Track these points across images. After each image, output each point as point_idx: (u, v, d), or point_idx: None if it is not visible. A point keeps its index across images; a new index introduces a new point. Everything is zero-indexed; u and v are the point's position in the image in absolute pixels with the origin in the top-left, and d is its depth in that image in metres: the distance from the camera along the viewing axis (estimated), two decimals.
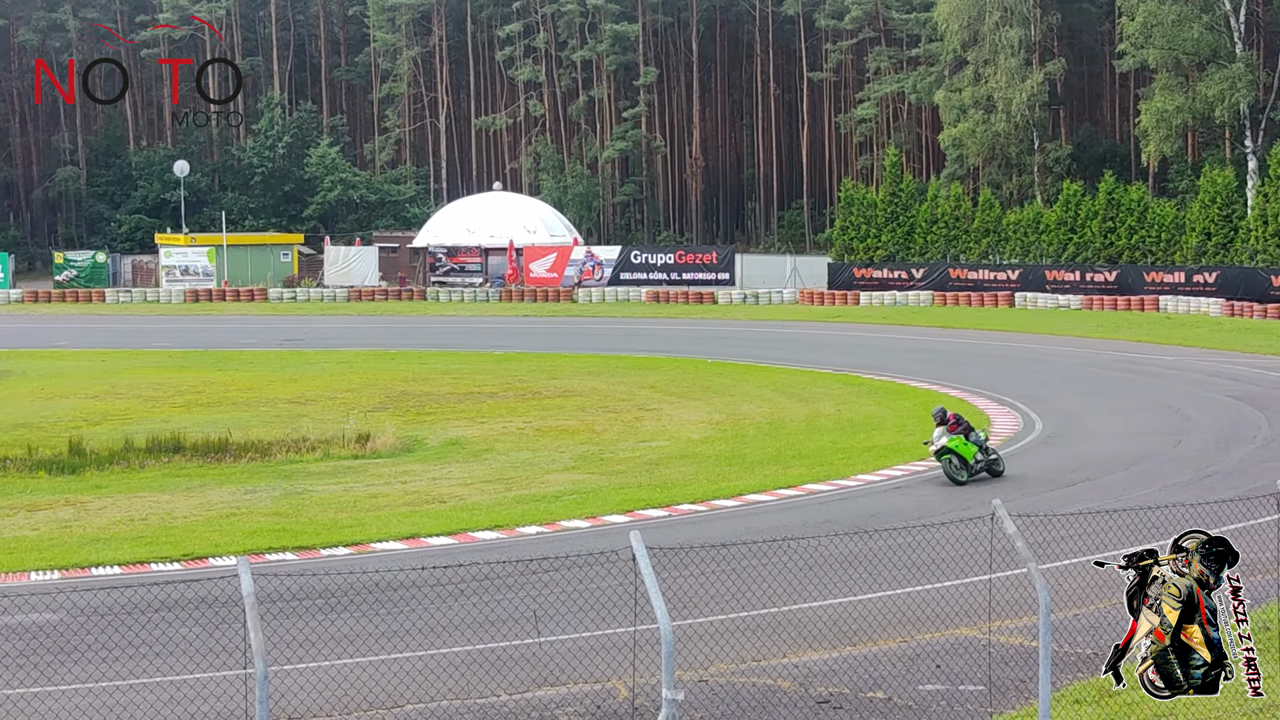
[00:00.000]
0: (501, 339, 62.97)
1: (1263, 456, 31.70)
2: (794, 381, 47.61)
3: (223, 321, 75.31)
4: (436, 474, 31.20)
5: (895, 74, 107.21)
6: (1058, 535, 21.60)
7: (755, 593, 18.85)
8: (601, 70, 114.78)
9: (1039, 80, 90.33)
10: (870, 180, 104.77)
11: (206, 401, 43.67)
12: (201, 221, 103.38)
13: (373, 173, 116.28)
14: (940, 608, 18.64)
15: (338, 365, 53.90)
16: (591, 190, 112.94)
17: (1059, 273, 77.10)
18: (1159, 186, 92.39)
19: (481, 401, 43.28)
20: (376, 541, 24.20)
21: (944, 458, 28.75)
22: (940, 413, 29.14)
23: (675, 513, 26.60)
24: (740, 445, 34.94)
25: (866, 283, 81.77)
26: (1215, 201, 75.03)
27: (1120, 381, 46.64)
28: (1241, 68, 78.79)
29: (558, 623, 18.22)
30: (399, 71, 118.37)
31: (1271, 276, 68.76)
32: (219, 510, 27.13)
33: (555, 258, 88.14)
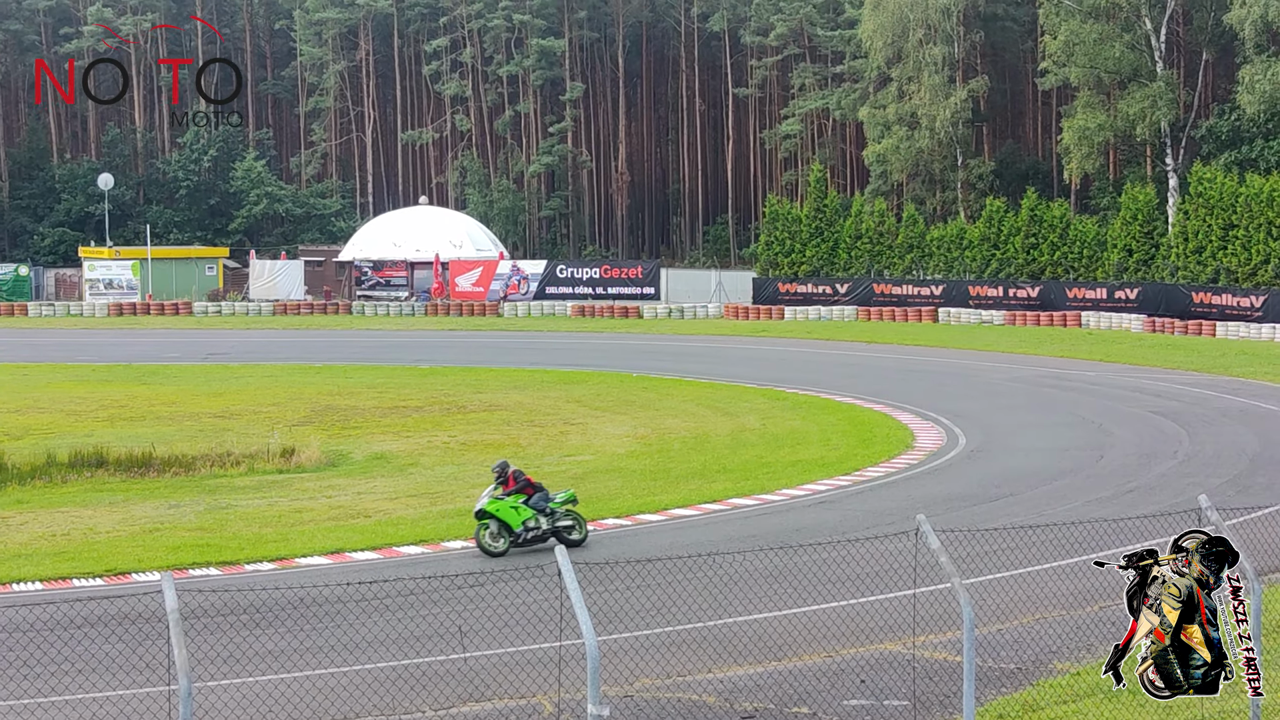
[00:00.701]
0: (427, 353, 62.79)
1: (1183, 472, 32.03)
2: (719, 396, 47.73)
3: (147, 335, 74.73)
4: (361, 488, 31.10)
5: (820, 90, 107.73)
6: (981, 550, 21.75)
7: (680, 608, 18.89)
8: (528, 85, 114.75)
9: (962, 97, 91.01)
10: (795, 196, 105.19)
11: (130, 416, 43.33)
12: (126, 235, 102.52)
13: (299, 186, 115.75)
14: (865, 622, 18.74)
15: (262, 379, 53.60)
16: (517, 205, 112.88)
17: (982, 288, 77.65)
18: (1081, 203, 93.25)
19: (407, 416, 43.16)
20: (301, 557, 24.09)
21: (481, 522, 24.01)
22: (500, 467, 24.54)
23: (601, 527, 26.60)
24: (665, 459, 35.00)
25: (791, 298, 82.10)
26: (1136, 219, 75.81)
27: (1043, 397, 47.01)
28: (1162, 86, 79.67)
29: (483, 638, 18.21)
30: (325, 85, 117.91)
31: (1192, 293, 69.51)
32: (142, 525, 26.93)
33: (481, 272, 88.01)
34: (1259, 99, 74.62)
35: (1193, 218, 73.04)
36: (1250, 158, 78.48)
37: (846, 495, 29.98)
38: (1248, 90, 75.35)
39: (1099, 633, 17.94)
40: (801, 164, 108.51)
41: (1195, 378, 51.90)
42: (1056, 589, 20.28)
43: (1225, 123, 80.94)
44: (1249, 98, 75.30)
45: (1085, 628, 18.36)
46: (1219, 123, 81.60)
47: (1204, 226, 72.32)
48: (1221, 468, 32.37)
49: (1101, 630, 18.08)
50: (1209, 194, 72.10)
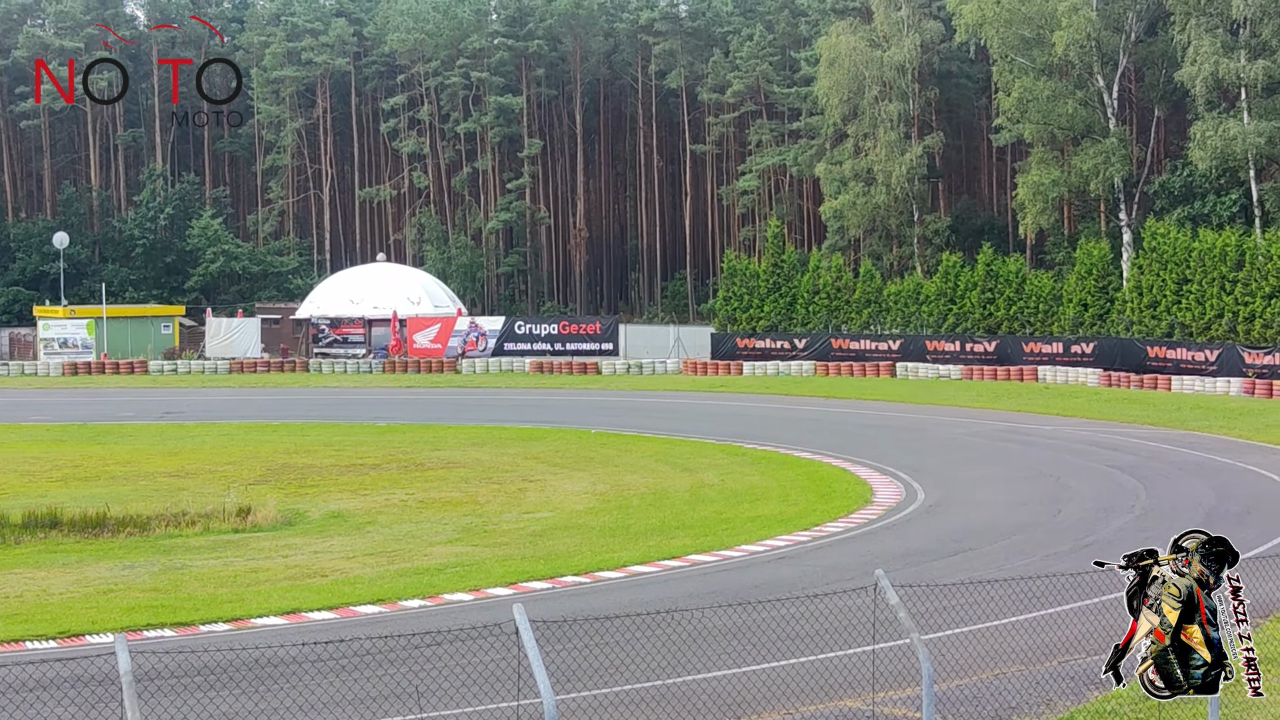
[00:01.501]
0: (385, 410, 62.61)
1: (1141, 526, 32.09)
2: (678, 452, 47.68)
3: (102, 394, 74.32)
4: (318, 547, 30.89)
5: (777, 147, 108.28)
6: (940, 606, 21.72)
7: (639, 665, 18.78)
8: (486, 142, 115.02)
9: (918, 153, 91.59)
10: (753, 251, 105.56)
11: (84, 476, 43.01)
12: (81, 294, 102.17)
13: (256, 244, 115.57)
14: (824, 679, 18.65)
15: (219, 438, 53.32)
16: (475, 261, 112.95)
17: (939, 343, 77.92)
18: (1036, 258, 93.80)
19: (364, 473, 42.97)
20: (257, 617, 23.86)
21: None
22: None
23: (559, 585, 26.49)
24: (624, 516, 34.90)
25: (749, 353, 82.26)
26: (1091, 273, 76.26)
27: (1001, 451, 47.14)
28: (1115, 142, 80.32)
29: (440, 698, 18.04)
30: (283, 143, 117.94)
31: (1147, 347, 69.90)
32: (96, 587, 26.67)
33: (439, 329, 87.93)
34: (1210, 155, 75.28)
35: (1147, 272, 73.52)
36: (1203, 213, 79.19)
37: (806, 551, 29.93)
38: (1199, 146, 76.01)
39: (1059, 688, 17.91)
40: (759, 220, 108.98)
41: (1151, 431, 52.14)
42: (1016, 644, 20.25)
43: (1178, 178, 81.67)
44: (1200, 154, 75.96)
45: (1045, 683, 18.31)
46: (1171, 178, 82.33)
47: (1158, 281, 72.80)
48: (1179, 521, 32.36)
49: (1062, 685, 18.06)
50: (1163, 249, 72.64)
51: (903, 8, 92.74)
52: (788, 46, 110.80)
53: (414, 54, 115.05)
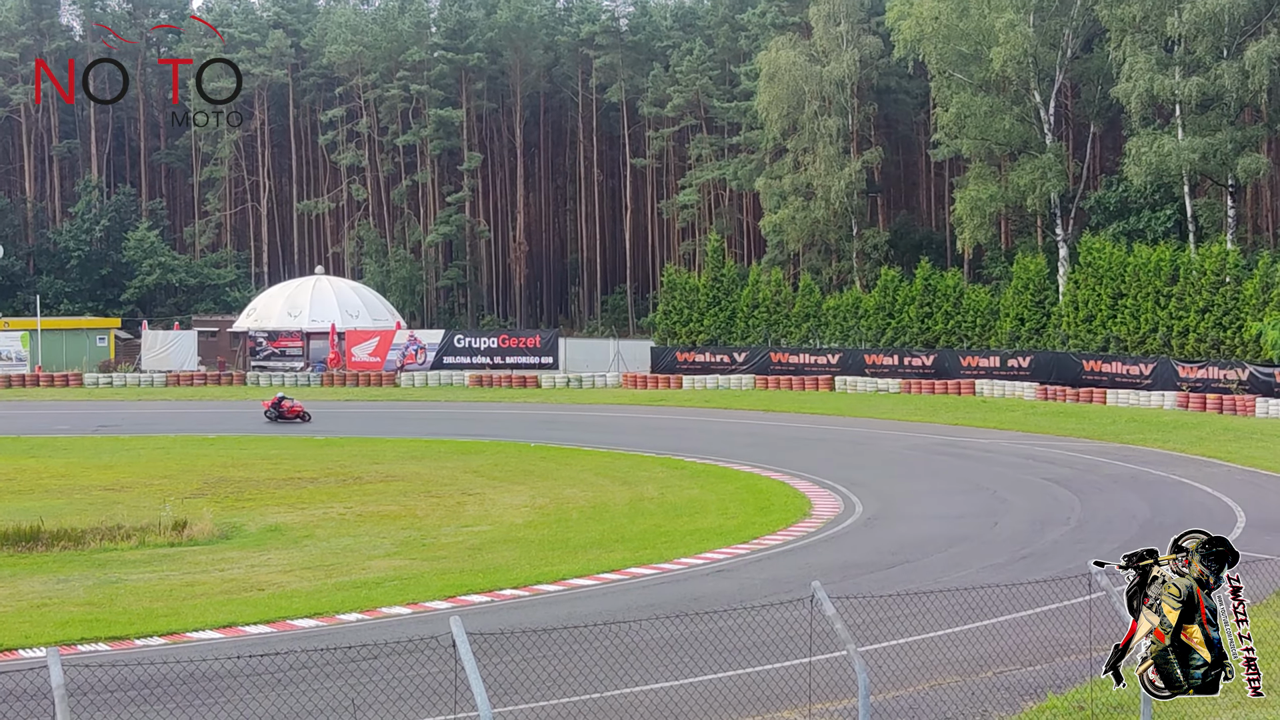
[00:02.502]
0: (323, 423, 62.33)
1: (1076, 538, 32.33)
2: (617, 465, 47.70)
3: (36, 408, 73.72)
4: (255, 561, 30.72)
5: (716, 161, 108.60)
6: (877, 618, 21.80)
7: (578, 678, 18.77)
8: (425, 155, 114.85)
9: (857, 168, 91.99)
10: (693, 265, 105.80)
11: (18, 489, 42.63)
12: (15, 305, 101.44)
13: (192, 256, 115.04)
14: (761, 690, 18.69)
15: (154, 451, 52.96)
16: (415, 274, 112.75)
17: (878, 357, 78.22)
18: (974, 273, 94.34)
19: (302, 487, 42.77)
20: (192, 631, 23.72)
21: None
22: None
23: (498, 598, 26.46)
24: (564, 529, 34.88)
25: (689, 366, 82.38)
26: (1028, 288, 76.75)
27: (938, 464, 47.36)
28: (1051, 158, 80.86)
29: (377, 711, 17.98)
30: (220, 155, 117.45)
31: (1083, 361, 70.40)
32: (30, 600, 26.45)
33: (378, 342, 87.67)
34: (1145, 170, 75.87)
35: (1083, 287, 74.05)
36: (1138, 228, 79.92)
37: (744, 564, 29.99)
38: (1134, 162, 76.60)
39: (994, 698, 18.01)
40: (699, 233, 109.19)
41: (1086, 444, 52.53)
42: (952, 655, 20.34)
43: (1113, 194, 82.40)
44: (1135, 169, 76.54)
45: (981, 694, 18.40)
46: (1107, 194, 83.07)
47: (1094, 295, 73.33)
48: (1113, 533, 32.69)
49: (997, 696, 18.15)
50: (1098, 264, 73.19)
51: (841, 23, 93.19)
52: (728, 61, 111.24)
53: (352, 66, 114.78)
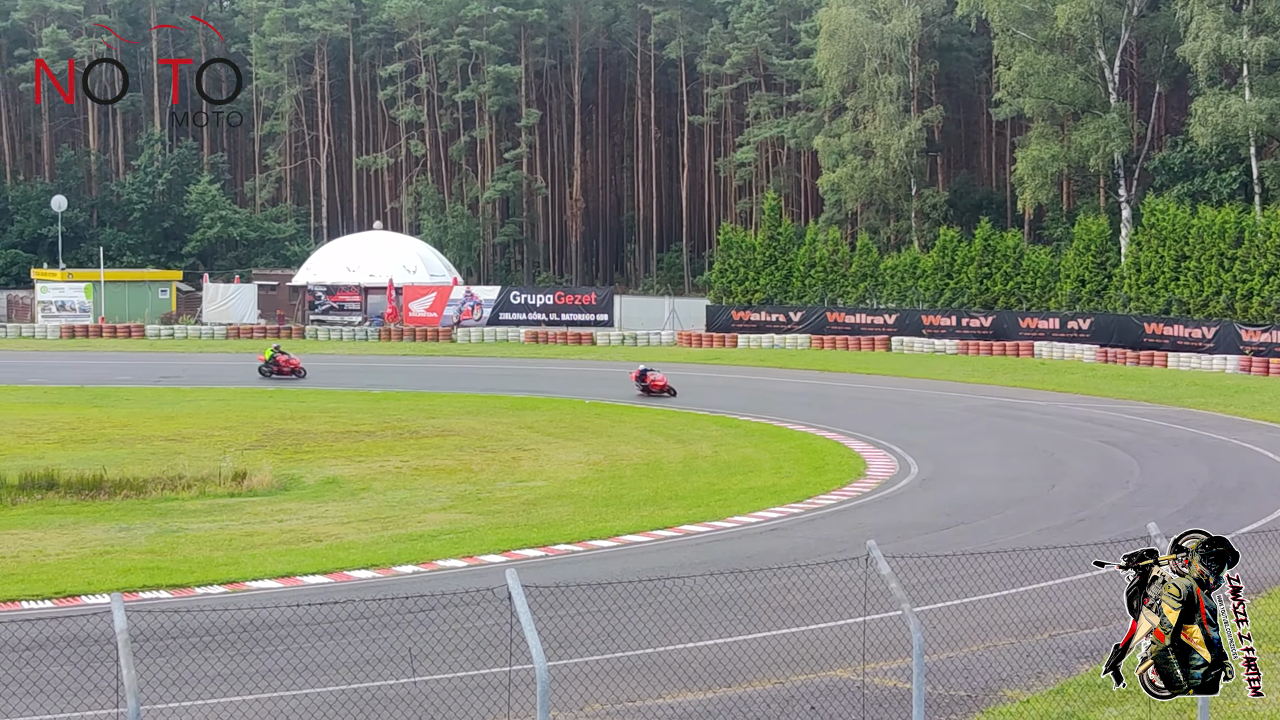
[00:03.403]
0: (380, 378, 62.63)
1: (1134, 501, 32.19)
2: (672, 423, 47.75)
3: (99, 358, 74.28)
4: (313, 512, 30.96)
5: (775, 119, 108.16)
6: (932, 578, 21.80)
7: (631, 633, 18.85)
8: (483, 111, 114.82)
9: (917, 127, 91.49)
10: (749, 224, 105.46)
11: (81, 438, 43.06)
12: (79, 257, 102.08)
13: (253, 210, 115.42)
14: (815, 649, 18.72)
15: (215, 402, 53.36)
16: (472, 230, 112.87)
17: (935, 318, 77.91)
18: (1034, 233, 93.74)
19: (359, 440, 43.03)
20: (251, 580, 23.95)
21: None
22: None
23: (552, 553, 26.58)
24: (618, 486, 34.97)
25: (744, 325, 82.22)
26: (1089, 249, 76.26)
27: (995, 426, 47.21)
28: (1115, 118, 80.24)
29: (434, 662, 18.12)
30: (281, 109, 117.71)
31: (1144, 324, 69.94)
32: (92, 548, 26.74)
33: (435, 297, 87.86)
34: (1211, 131, 75.23)
35: (1145, 249, 73.53)
36: (1202, 190, 79.14)
37: (798, 523, 30.01)
38: (1200, 123, 75.95)
39: (1049, 661, 18.00)
40: (756, 192, 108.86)
41: (1147, 408, 52.22)
42: (1007, 617, 20.32)
43: (1178, 155, 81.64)
44: (1201, 130, 75.90)
45: (1035, 656, 18.40)
46: (1171, 155, 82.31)
47: (1156, 258, 72.83)
48: (1172, 498, 32.55)
49: (1052, 658, 18.15)
50: (1161, 225, 72.64)
51: None
52: (787, 18, 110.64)
53: (412, 21, 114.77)
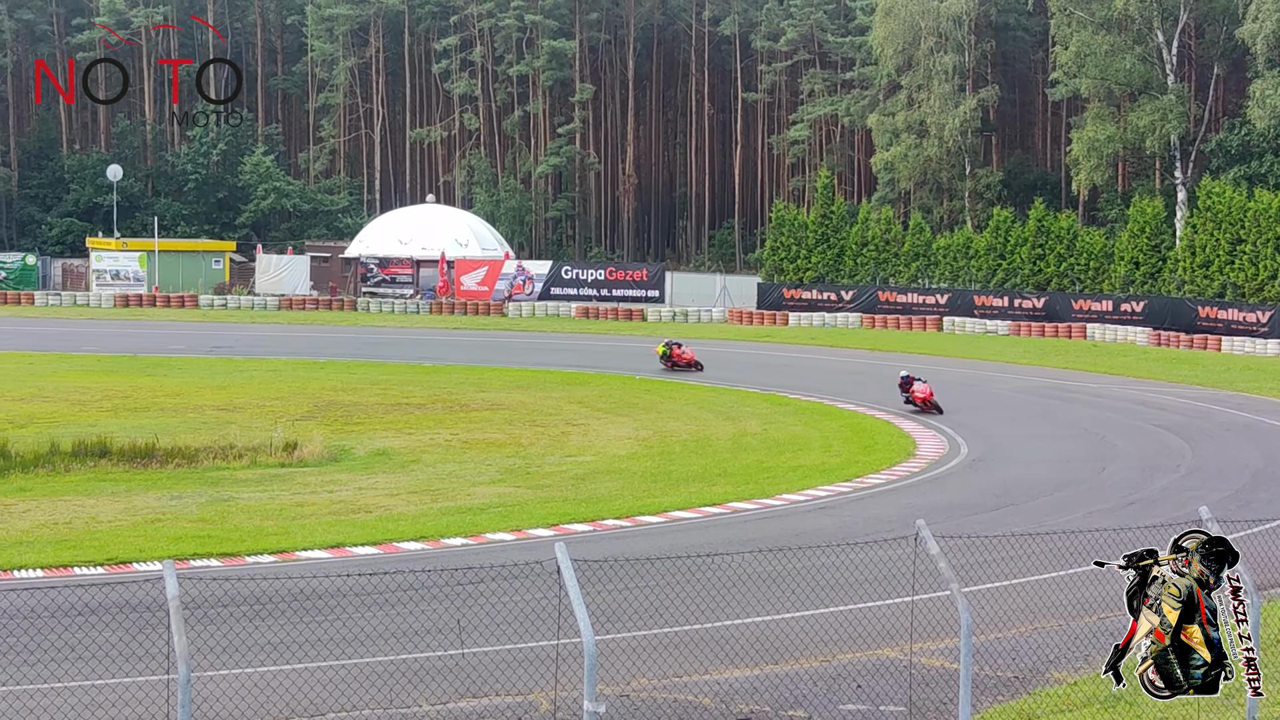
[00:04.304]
0: (430, 351, 62.82)
1: (1186, 485, 32.01)
2: (721, 400, 47.74)
3: (152, 327, 74.78)
4: (363, 484, 31.12)
5: (829, 96, 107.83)
6: (981, 559, 21.75)
7: (678, 609, 18.90)
8: (537, 85, 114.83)
9: (972, 106, 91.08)
10: (802, 202, 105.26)
11: (134, 407, 43.36)
12: (134, 226, 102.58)
13: (306, 182, 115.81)
14: (862, 628, 18.73)
15: (267, 373, 53.64)
16: (524, 205, 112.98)
17: (987, 298, 77.63)
18: (1089, 215, 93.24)
19: (409, 413, 43.19)
20: (301, 550, 24.10)
21: None
22: None
23: (600, 528, 26.64)
24: (666, 462, 35.00)
25: (795, 303, 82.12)
26: (1144, 231, 75.83)
27: (1046, 408, 47.02)
28: (1173, 99, 79.68)
29: (482, 634, 18.21)
30: (335, 82, 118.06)
31: (1198, 307, 69.52)
32: (144, 515, 26.96)
33: (486, 271, 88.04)
34: (1269, 114, 74.65)
35: (1200, 232, 73.05)
36: (1260, 173, 78.53)
37: (846, 501, 29.99)
38: (1258, 105, 75.37)
39: (1097, 643, 17.94)
40: (809, 170, 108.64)
41: (1199, 392, 51.90)
42: (1055, 599, 20.29)
43: (1235, 137, 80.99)
44: (1259, 112, 75.32)
45: (1083, 638, 18.36)
46: (1229, 137, 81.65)
47: (1212, 241, 72.35)
48: (1224, 482, 32.36)
49: (1100, 641, 18.08)
50: (1217, 208, 72.13)
51: None
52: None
53: None
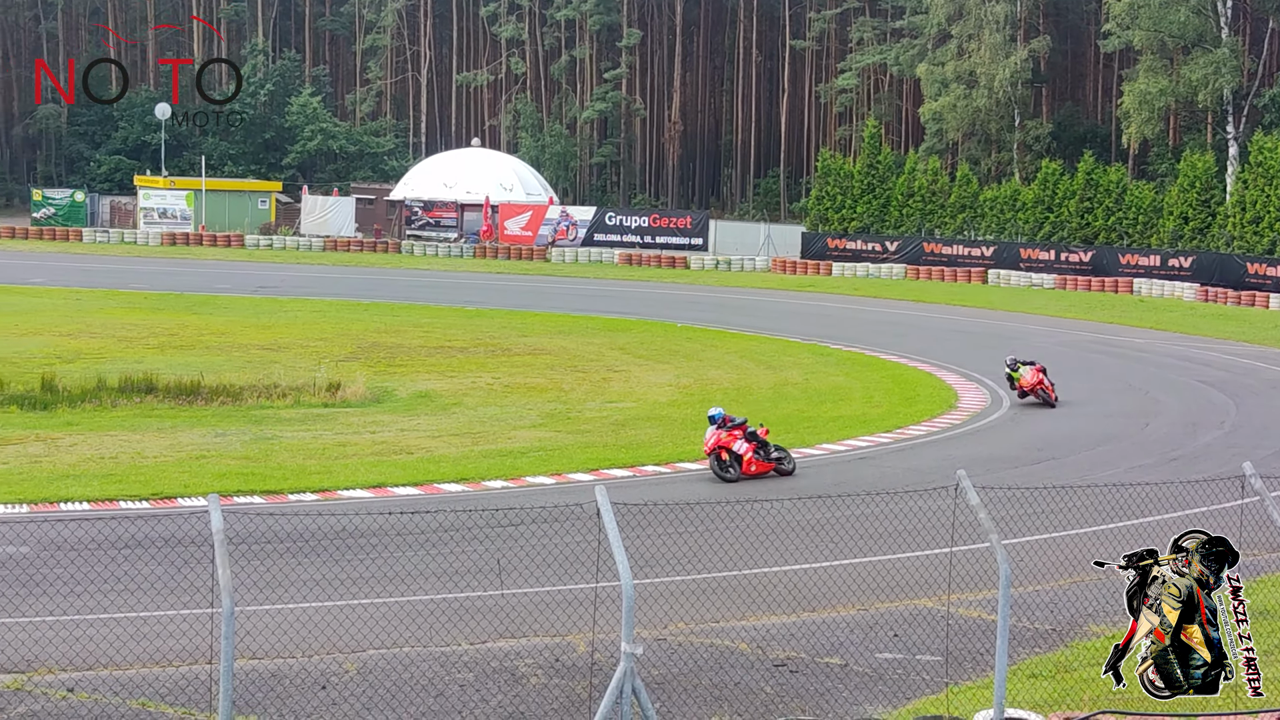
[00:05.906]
0: (474, 294, 62.94)
1: (1229, 442, 31.92)
2: (762, 349, 47.75)
3: (199, 266, 75.11)
4: (405, 425, 31.30)
5: (878, 45, 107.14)
6: (1021, 512, 21.78)
7: (716, 555, 18.99)
8: (584, 30, 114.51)
9: (1022, 57, 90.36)
10: (848, 151, 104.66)
11: (180, 344, 43.66)
12: (181, 165, 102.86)
13: (353, 124, 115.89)
14: (900, 578, 18.81)
15: (311, 314, 53.88)
16: (569, 150, 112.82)
17: (1034, 251, 77.20)
18: (1138, 169, 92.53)
19: (452, 356, 43.35)
20: (344, 489, 24.29)
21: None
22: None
23: (640, 473, 26.76)
24: (706, 409, 35.00)
25: (840, 254, 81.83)
26: (1194, 186, 75.28)
27: (1091, 362, 46.88)
28: (1227, 53, 78.92)
29: (521, 575, 18.36)
30: (383, 23, 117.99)
31: (1247, 264, 69.01)
32: (189, 452, 27.20)
33: (530, 216, 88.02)
34: None
35: (1251, 187, 72.48)
36: None
37: (887, 452, 30.03)
38: None
39: None
40: (856, 119, 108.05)
41: (1246, 349, 51.65)
42: (1095, 552, 20.22)
43: None
44: None
45: (1121, 593, 18.33)
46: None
47: (1262, 197, 71.77)
48: (1269, 439, 32.26)
49: None
50: (1269, 164, 71.51)
51: None
52: None
53: None
